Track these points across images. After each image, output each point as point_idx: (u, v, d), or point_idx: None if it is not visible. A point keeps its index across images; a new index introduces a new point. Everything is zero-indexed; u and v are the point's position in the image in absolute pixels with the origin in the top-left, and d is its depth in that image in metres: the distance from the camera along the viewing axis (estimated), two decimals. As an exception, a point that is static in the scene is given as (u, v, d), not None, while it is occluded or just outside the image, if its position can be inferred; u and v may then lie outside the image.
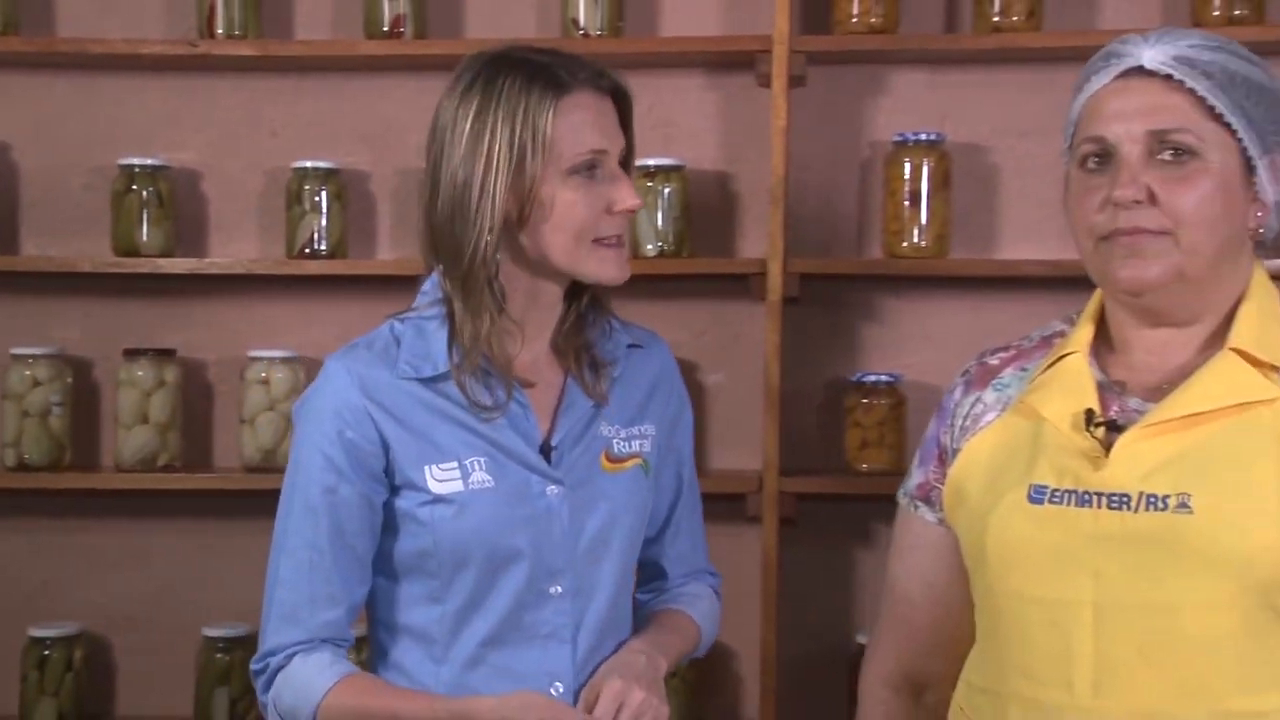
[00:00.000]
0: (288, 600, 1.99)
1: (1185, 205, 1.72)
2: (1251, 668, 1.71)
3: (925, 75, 3.22)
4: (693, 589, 2.24)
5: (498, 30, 3.22)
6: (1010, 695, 1.81)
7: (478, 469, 1.97)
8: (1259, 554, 1.67)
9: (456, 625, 2.00)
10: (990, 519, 1.83)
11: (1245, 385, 1.73)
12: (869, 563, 3.22)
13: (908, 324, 3.22)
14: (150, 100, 3.28)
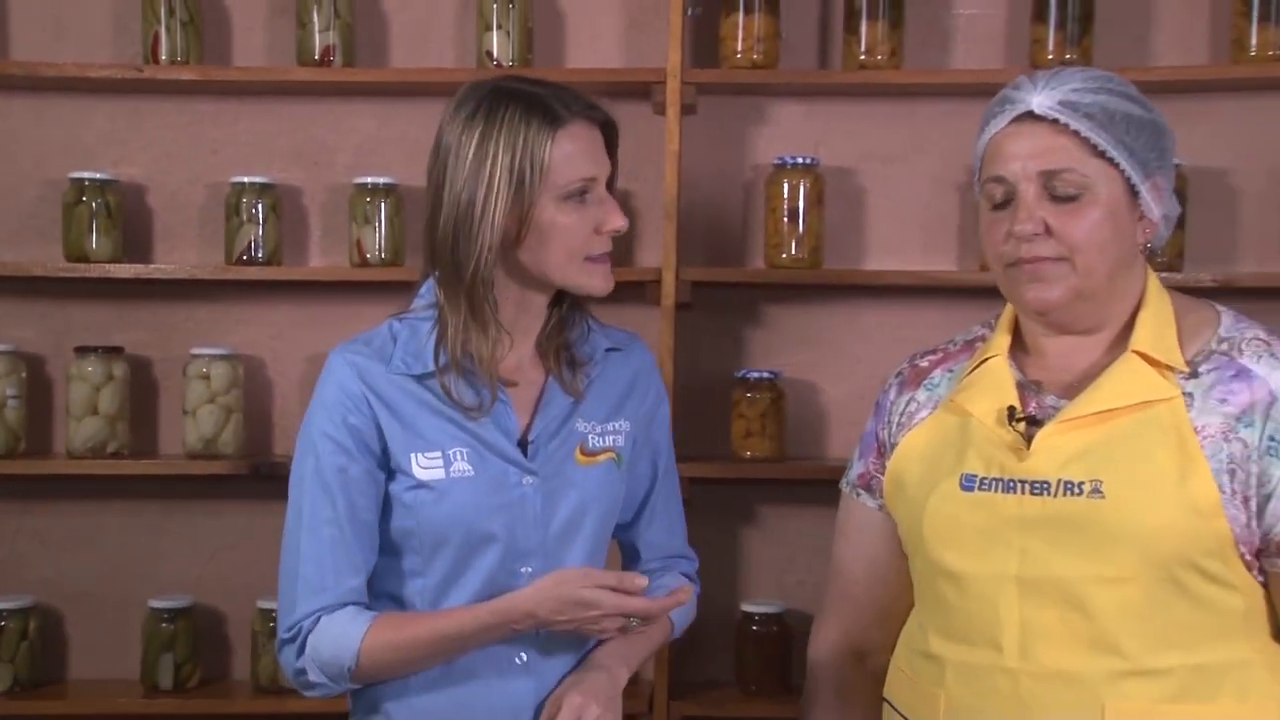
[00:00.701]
0: (314, 573, 1.96)
1: (1077, 234, 1.76)
2: (1155, 631, 1.73)
3: (801, 106, 3.21)
4: (667, 580, 2.20)
5: (420, 60, 3.25)
6: (947, 659, 1.84)
7: (459, 459, 1.96)
8: (1161, 533, 1.71)
9: (436, 597, 1.99)
10: (927, 505, 1.87)
11: (1147, 385, 1.77)
12: (753, 538, 3.26)
13: (786, 327, 3.23)
14: (99, 119, 3.23)
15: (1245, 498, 1.74)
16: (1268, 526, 1.73)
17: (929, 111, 3.18)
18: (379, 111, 3.25)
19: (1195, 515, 1.72)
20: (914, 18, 3.12)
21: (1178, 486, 1.73)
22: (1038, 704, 1.77)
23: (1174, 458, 1.74)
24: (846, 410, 3.26)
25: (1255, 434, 1.74)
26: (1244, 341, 1.82)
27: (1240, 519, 1.73)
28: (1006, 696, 1.79)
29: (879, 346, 3.21)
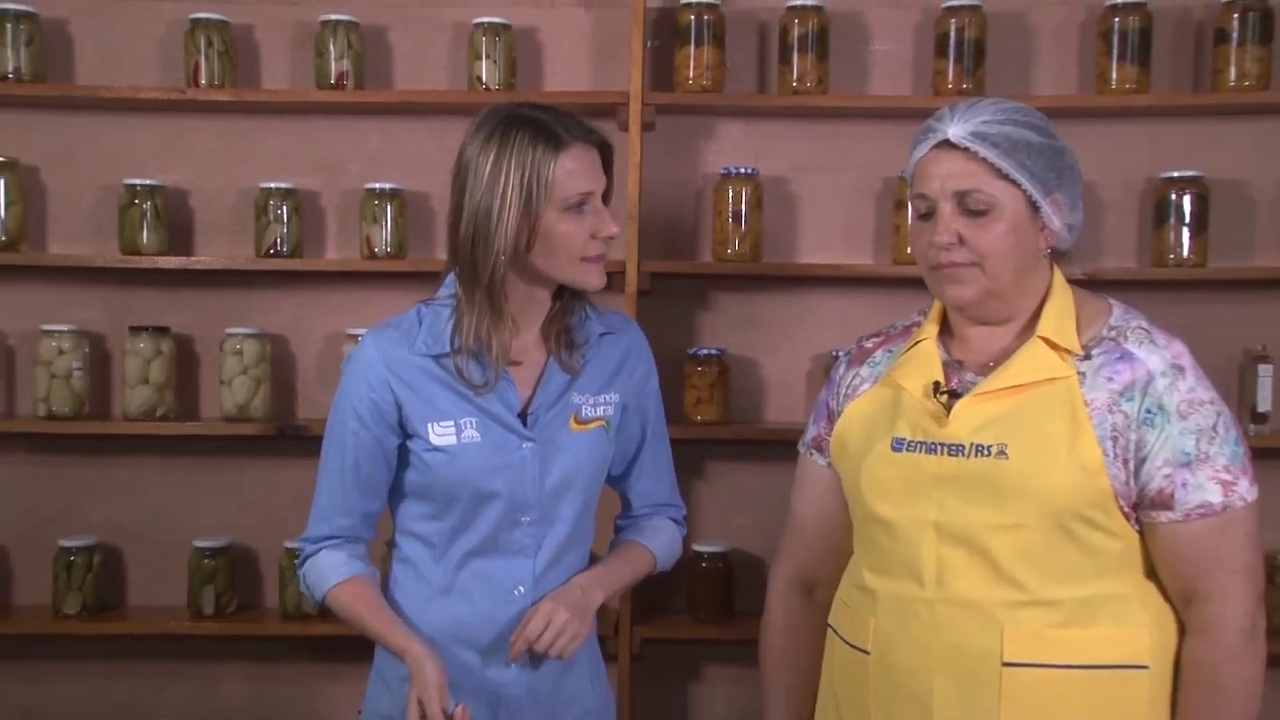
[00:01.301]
0: (322, 504, 2.10)
1: (985, 244, 1.82)
2: (1047, 570, 1.79)
3: (743, 125, 3.30)
4: (654, 522, 2.26)
5: (419, 83, 3.30)
6: (878, 590, 1.90)
7: (469, 428, 2.03)
8: (1054, 489, 1.77)
9: (450, 538, 2.07)
10: (864, 463, 1.92)
11: (1048, 365, 1.83)
12: (703, 490, 3.33)
13: (731, 311, 3.31)
14: (148, 134, 3.29)
15: (1125, 460, 1.78)
16: (1143, 484, 1.79)
17: (850, 131, 3.26)
18: (385, 127, 3.30)
19: (1083, 474, 1.78)
20: (837, 52, 3.18)
21: (1069, 450, 1.78)
22: (949, 627, 1.82)
23: (1067, 426, 1.79)
24: (782, 381, 3.35)
25: (1135, 407, 1.79)
26: (1129, 330, 1.86)
27: (1120, 477, 1.78)
28: (924, 621, 1.84)
29: (809, 327, 3.30)
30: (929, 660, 1.84)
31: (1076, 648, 1.80)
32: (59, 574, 3.20)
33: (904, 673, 1.87)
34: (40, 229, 3.33)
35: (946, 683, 1.83)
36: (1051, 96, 3.18)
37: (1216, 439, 1.79)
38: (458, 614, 2.08)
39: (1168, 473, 1.78)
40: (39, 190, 3.32)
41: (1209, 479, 1.77)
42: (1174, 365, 1.82)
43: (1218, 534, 1.78)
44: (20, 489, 3.34)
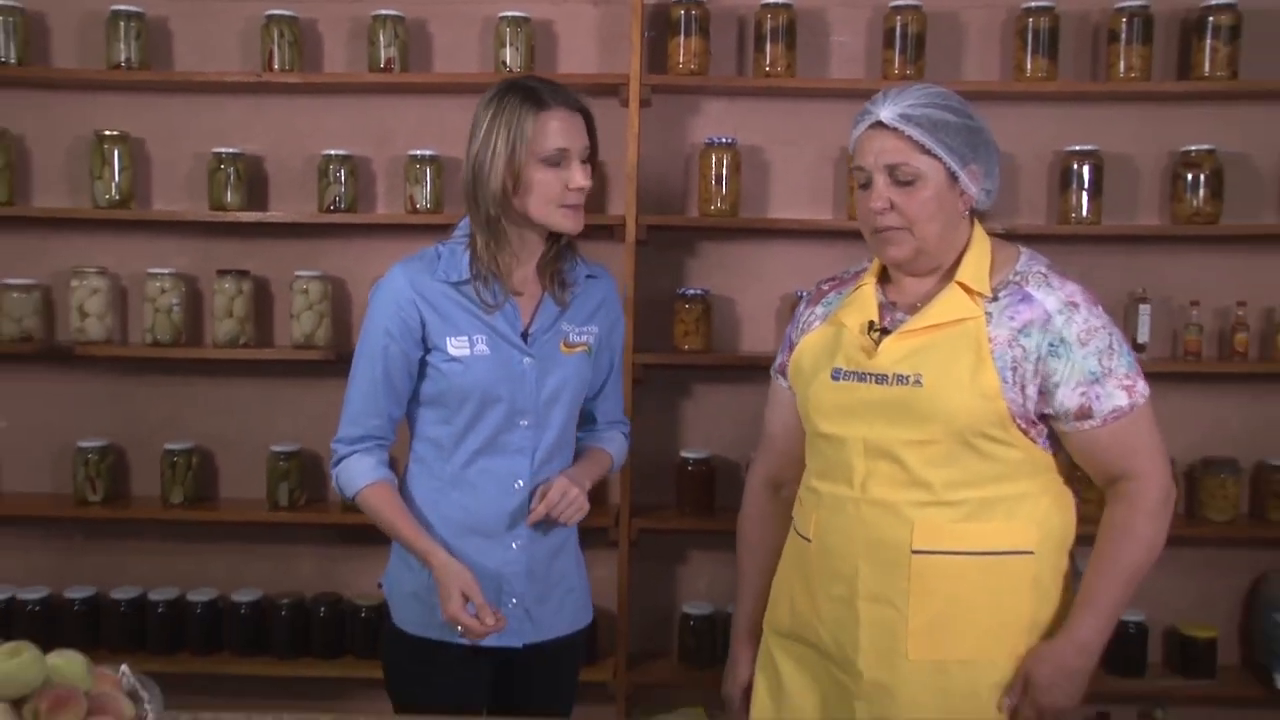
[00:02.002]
0: (354, 409, 2.14)
1: (913, 210, 1.87)
2: (952, 477, 1.86)
3: (725, 102, 3.42)
4: (609, 434, 2.33)
5: (454, 67, 3.41)
6: (821, 491, 1.97)
7: (480, 343, 2.09)
8: (958, 411, 1.83)
9: (459, 439, 2.12)
10: (810, 388, 1.98)
11: (961, 307, 1.88)
12: (689, 406, 3.46)
13: (713, 258, 3.45)
14: (231, 110, 3.44)
15: (1022, 386, 1.83)
16: (1061, 404, 1.84)
17: (814, 108, 3.38)
18: (425, 104, 3.41)
19: (982, 399, 1.83)
20: (803, 43, 3.29)
21: (971, 379, 1.83)
22: (871, 522, 1.89)
23: (971, 359, 1.84)
24: (755, 316, 3.47)
25: (1033, 342, 1.84)
26: (1031, 274, 1.90)
27: (1017, 400, 1.84)
28: (852, 517, 1.91)
29: (778, 272, 3.43)
30: (855, 548, 1.91)
31: (973, 539, 1.86)
32: (165, 471, 3.39)
33: (836, 557, 1.93)
34: (146, 190, 3.47)
35: (868, 566, 1.89)
36: (978, 82, 3.30)
37: (1114, 354, 1.86)
38: (465, 504, 2.13)
39: (1082, 391, 1.83)
40: (145, 158, 3.46)
41: (1116, 388, 1.84)
42: (1068, 303, 1.86)
43: (1131, 428, 1.86)
44: (133, 403, 3.51)
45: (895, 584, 1.88)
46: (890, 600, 1.88)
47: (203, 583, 3.50)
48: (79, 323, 3.34)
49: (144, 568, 3.53)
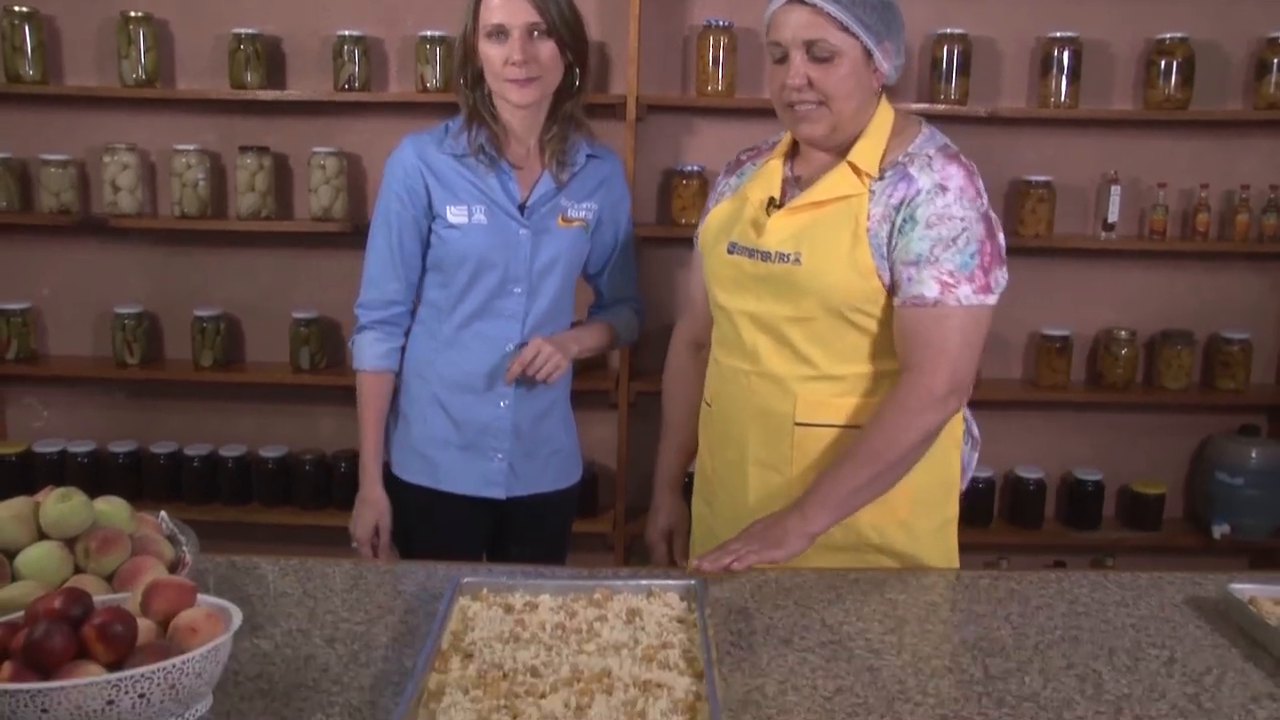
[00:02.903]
0: (374, 274, 2.16)
1: (830, 86, 1.76)
2: (834, 352, 1.80)
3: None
4: (616, 309, 2.32)
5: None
6: (719, 360, 1.93)
7: (478, 213, 2.10)
8: (835, 288, 1.76)
9: (455, 302, 2.13)
10: (710, 260, 1.92)
11: (846, 185, 1.79)
12: (680, 275, 3.43)
13: (710, 135, 3.41)
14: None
15: (891, 264, 1.75)
16: (895, 276, 1.75)
17: None
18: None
19: (857, 277, 1.75)
20: None
21: (848, 257, 1.76)
22: (760, 393, 1.85)
23: (850, 237, 1.76)
24: None
25: (900, 218, 1.75)
26: (919, 156, 1.79)
27: (888, 278, 1.76)
28: (743, 387, 1.87)
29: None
30: (744, 416, 1.87)
31: (855, 412, 1.81)
32: (196, 336, 3.42)
33: (729, 423, 1.91)
34: (170, 70, 3.43)
35: (756, 434, 1.86)
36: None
37: (952, 249, 1.73)
38: (459, 363, 2.15)
39: (900, 268, 1.74)
40: (168, 38, 3.41)
41: (931, 277, 1.72)
42: (939, 185, 1.75)
43: (928, 322, 1.73)
44: (164, 272, 3.52)
45: (780, 452, 1.85)
46: (776, 466, 1.86)
47: (233, 439, 3.56)
48: (112, 196, 3.34)
49: (179, 425, 3.60)
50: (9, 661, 1.18)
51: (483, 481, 2.18)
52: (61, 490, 1.46)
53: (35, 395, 3.64)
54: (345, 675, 1.35)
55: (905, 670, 1.40)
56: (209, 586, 1.56)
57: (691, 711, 1.23)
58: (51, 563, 1.39)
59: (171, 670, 1.18)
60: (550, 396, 2.22)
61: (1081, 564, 3.50)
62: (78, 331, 3.58)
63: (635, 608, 1.49)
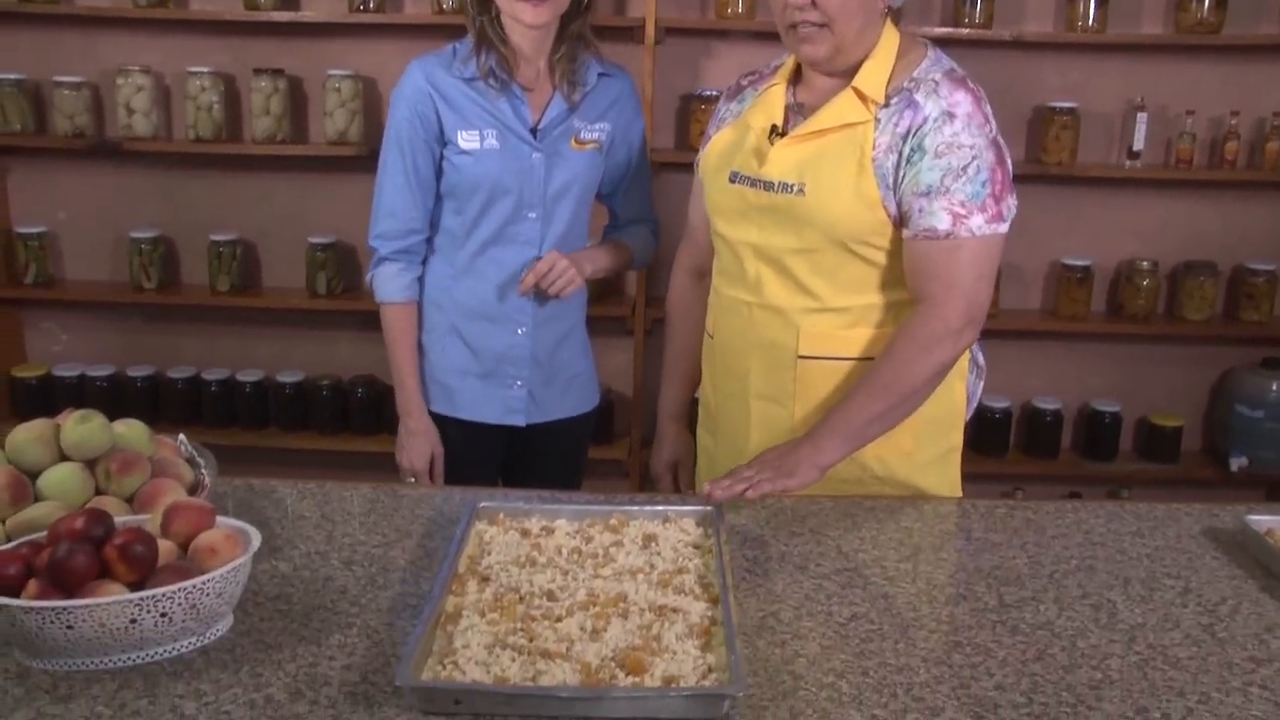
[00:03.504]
0: (389, 203, 2.13)
1: (833, 7, 1.69)
2: (838, 283, 1.77)
3: None
4: (633, 229, 2.30)
5: None
6: (721, 291, 1.90)
7: (490, 137, 2.08)
8: (839, 220, 1.72)
9: (470, 229, 2.11)
10: (711, 189, 1.88)
11: (852, 112, 1.73)
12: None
13: (729, 59, 3.36)
14: None
15: (899, 196, 1.71)
16: (903, 209, 1.71)
17: None
18: None
19: (863, 208, 1.71)
20: None
21: (853, 188, 1.71)
22: (762, 325, 1.82)
23: (855, 167, 1.72)
24: None
25: (907, 148, 1.70)
26: (925, 82, 1.73)
27: (894, 209, 1.71)
28: (745, 318, 1.84)
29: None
30: (747, 348, 1.85)
31: (856, 345, 1.79)
32: (212, 261, 3.44)
33: (731, 356, 1.89)
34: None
35: (758, 366, 1.84)
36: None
37: (963, 178, 1.69)
38: (475, 291, 2.14)
39: (910, 200, 1.70)
40: None
41: (942, 209, 1.68)
42: (946, 113, 1.70)
43: (943, 254, 1.70)
44: (180, 196, 3.51)
45: (782, 385, 1.83)
46: (778, 399, 1.84)
47: (250, 364, 3.59)
48: (126, 119, 3.33)
49: (197, 350, 3.62)
50: (34, 580, 1.20)
51: (503, 409, 2.19)
52: (81, 412, 1.47)
53: (54, 319, 3.67)
54: (363, 597, 1.37)
55: (919, 598, 1.41)
56: (227, 509, 1.57)
57: (707, 635, 1.24)
58: (73, 484, 1.41)
59: (192, 590, 1.20)
60: (568, 322, 2.22)
61: (1097, 495, 3.50)
62: (95, 256, 3.59)
63: (651, 533, 1.50)
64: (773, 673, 1.22)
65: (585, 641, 1.22)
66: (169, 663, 1.21)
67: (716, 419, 1.97)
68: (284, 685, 1.17)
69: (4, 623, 1.17)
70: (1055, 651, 1.28)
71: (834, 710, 1.15)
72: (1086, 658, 1.27)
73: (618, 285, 3.44)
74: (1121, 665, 1.26)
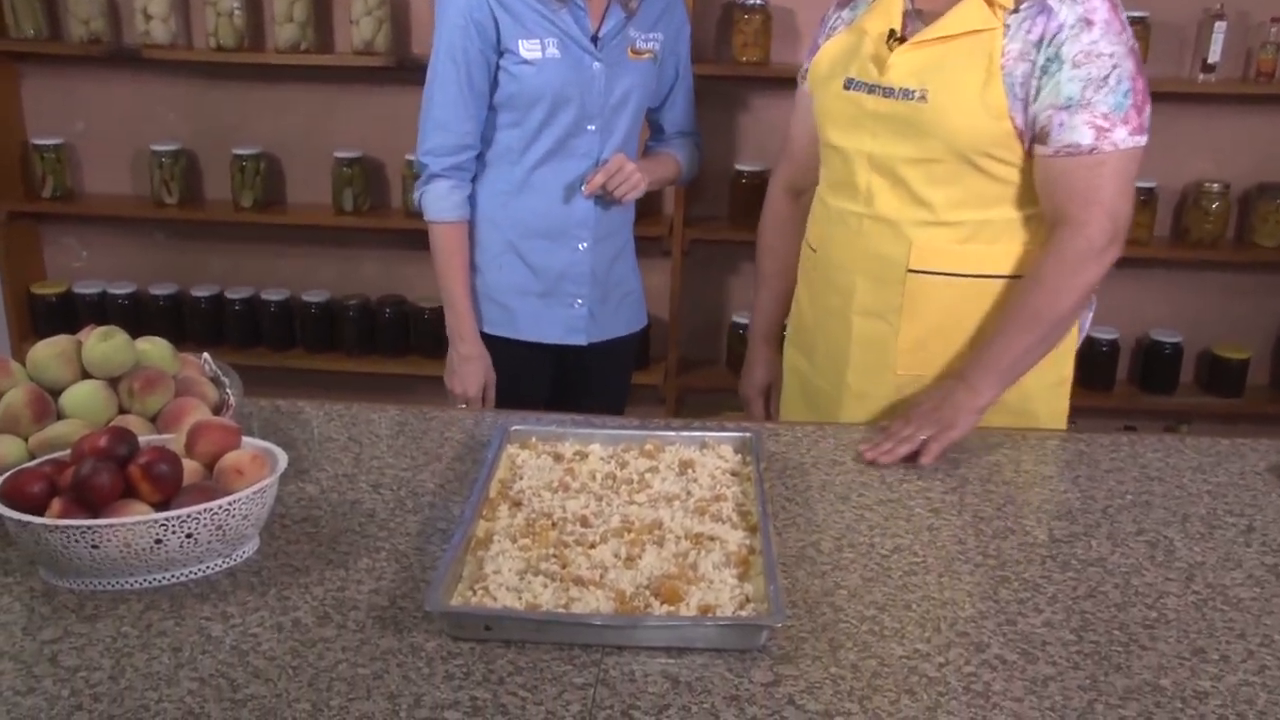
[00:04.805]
0: (441, 115, 2.10)
1: None
2: (954, 197, 1.76)
3: None
4: (679, 142, 2.34)
5: None
6: (828, 203, 1.90)
7: (550, 46, 2.08)
8: (962, 129, 1.71)
9: (528, 143, 2.12)
10: (823, 97, 1.88)
11: (978, 18, 1.71)
12: (745, 119, 3.40)
13: None
14: None
15: (1025, 103, 1.69)
16: (1032, 121, 1.70)
17: None
18: None
19: (988, 118, 1.70)
20: None
21: (979, 96, 1.70)
22: (872, 237, 1.82)
23: (981, 75, 1.71)
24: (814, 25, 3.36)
25: (1041, 57, 1.69)
26: None
27: (1020, 120, 1.70)
28: (853, 230, 1.85)
29: None
30: (854, 262, 1.86)
31: (972, 261, 1.79)
32: (235, 175, 3.44)
33: (834, 269, 1.89)
34: None
35: (864, 281, 1.85)
36: None
37: (1104, 89, 1.68)
38: (533, 207, 2.16)
39: (1049, 113, 1.69)
40: None
41: (1084, 123, 1.68)
42: (1083, 19, 1.68)
43: (1085, 170, 1.69)
44: (201, 107, 3.50)
45: (889, 300, 1.83)
46: (882, 315, 1.84)
47: (275, 283, 3.61)
48: (144, 25, 3.31)
49: (220, 267, 3.64)
50: (57, 499, 1.22)
51: (565, 329, 2.24)
52: (103, 329, 1.48)
53: (74, 235, 3.69)
54: (392, 521, 1.39)
55: (965, 530, 1.41)
56: (253, 430, 1.60)
57: (744, 565, 1.25)
58: (96, 402, 1.43)
59: (218, 511, 1.22)
60: (622, 238, 2.27)
61: (1155, 430, 3.47)
62: (115, 169, 3.60)
63: (688, 459, 1.51)
64: (812, 604, 1.23)
65: (619, 569, 1.23)
66: (195, 584, 1.24)
67: (813, 336, 1.97)
68: (311, 609, 1.19)
69: (29, 541, 1.20)
70: (1108, 589, 1.28)
71: (875, 644, 1.16)
72: (1141, 596, 1.28)
73: (655, 203, 3.42)
74: (1178, 604, 1.26)
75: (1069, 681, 1.11)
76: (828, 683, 1.10)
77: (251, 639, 1.14)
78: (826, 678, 1.10)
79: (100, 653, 1.12)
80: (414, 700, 1.05)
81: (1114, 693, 1.10)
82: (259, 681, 1.08)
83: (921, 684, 1.10)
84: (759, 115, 3.43)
